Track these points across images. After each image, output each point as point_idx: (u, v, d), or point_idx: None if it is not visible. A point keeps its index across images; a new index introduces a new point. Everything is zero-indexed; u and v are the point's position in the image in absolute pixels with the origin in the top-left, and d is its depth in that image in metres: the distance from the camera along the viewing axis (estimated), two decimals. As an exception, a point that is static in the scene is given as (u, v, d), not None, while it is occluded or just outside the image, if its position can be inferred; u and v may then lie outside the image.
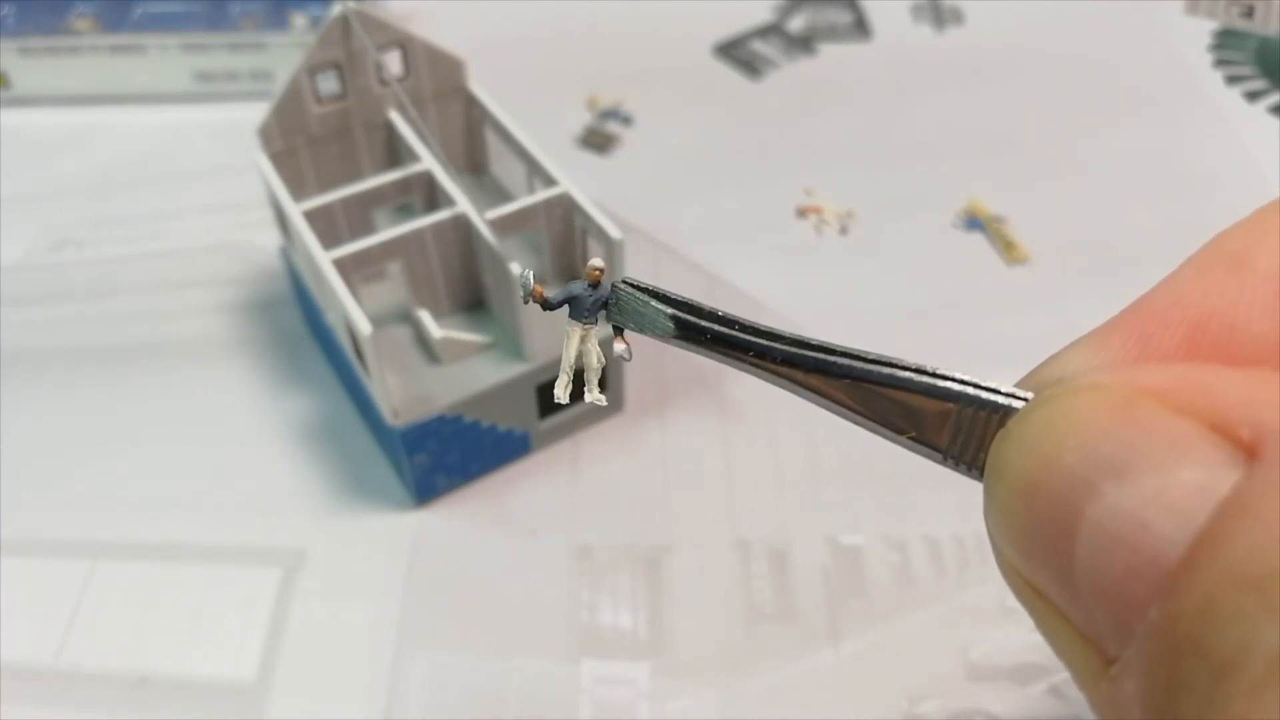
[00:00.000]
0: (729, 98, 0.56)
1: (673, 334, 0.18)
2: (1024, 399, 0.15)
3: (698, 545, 0.37)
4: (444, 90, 0.42)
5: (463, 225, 0.38)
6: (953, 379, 0.16)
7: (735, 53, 0.59)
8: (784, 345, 0.17)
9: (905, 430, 0.16)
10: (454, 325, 0.39)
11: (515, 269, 0.35)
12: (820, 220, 0.49)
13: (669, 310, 0.18)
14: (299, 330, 0.44)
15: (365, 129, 0.42)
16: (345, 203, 0.39)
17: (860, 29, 0.60)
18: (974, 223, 0.48)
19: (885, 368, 0.16)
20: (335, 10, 0.38)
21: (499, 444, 0.38)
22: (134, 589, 0.36)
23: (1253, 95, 0.54)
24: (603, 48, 0.59)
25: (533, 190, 0.40)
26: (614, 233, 0.36)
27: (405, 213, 0.41)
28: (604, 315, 0.19)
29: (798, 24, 0.60)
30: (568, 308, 0.19)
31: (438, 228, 0.37)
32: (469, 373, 0.37)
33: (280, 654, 0.34)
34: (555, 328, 0.37)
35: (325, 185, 0.41)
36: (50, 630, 0.35)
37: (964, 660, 0.33)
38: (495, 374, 0.37)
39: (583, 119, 0.54)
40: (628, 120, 0.54)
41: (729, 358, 0.17)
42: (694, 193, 0.50)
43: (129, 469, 0.40)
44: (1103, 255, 0.46)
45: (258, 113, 0.40)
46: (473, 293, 0.40)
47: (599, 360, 0.20)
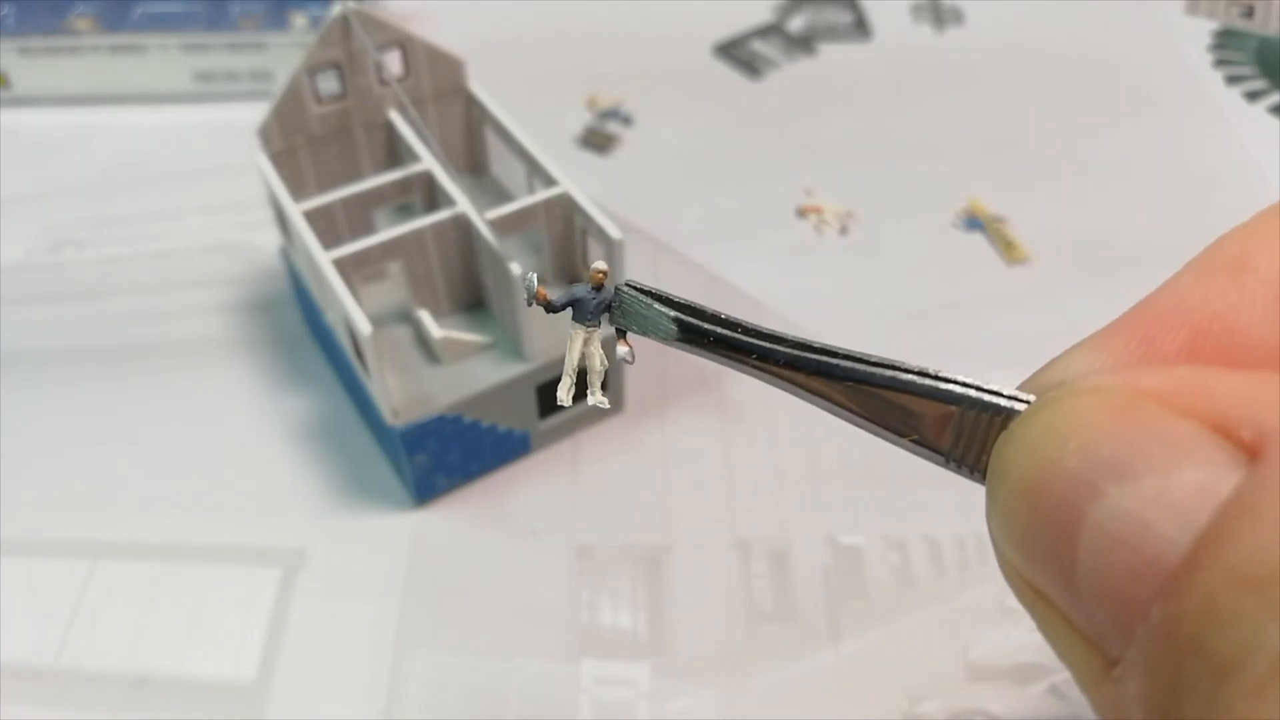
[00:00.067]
0: (729, 98, 0.56)
1: (676, 337, 0.18)
2: (1026, 401, 0.16)
3: (698, 545, 0.37)
4: (444, 90, 0.42)
5: (463, 225, 0.38)
6: (955, 381, 0.16)
7: (735, 53, 0.59)
8: (787, 348, 0.17)
9: (908, 433, 0.16)
10: (454, 325, 0.39)
11: (515, 268, 0.35)
12: (820, 220, 0.49)
13: (672, 313, 0.18)
14: (299, 330, 0.44)
15: (365, 129, 0.42)
16: (345, 203, 0.39)
17: (860, 29, 0.60)
18: (974, 223, 0.48)
19: (888, 370, 0.16)
20: (335, 10, 0.38)
21: (499, 444, 0.38)
22: (134, 589, 0.36)
23: (1253, 95, 0.54)
24: (603, 48, 0.59)
25: (533, 190, 0.40)
26: (614, 233, 0.36)
27: (405, 213, 0.41)
28: (607, 318, 0.19)
29: (798, 24, 0.60)
30: (571, 310, 0.19)
31: (438, 228, 0.37)
32: (469, 373, 0.37)
33: (280, 654, 0.34)
34: (555, 328, 0.37)
35: (325, 185, 0.41)
36: (50, 630, 0.35)
37: (964, 660, 0.33)
38: (495, 374, 0.37)
39: (583, 119, 0.54)
40: (628, 120, 0.54)
41: (732, 360, 0.17)
42: (694, 193, 0.50)
43: (129, 469, 0.40)
44: (1103, 255, 0.46)
45: (258, 113, 0.40)
46: (473, 293, 0.40)
47: (602, 363, 0.20)
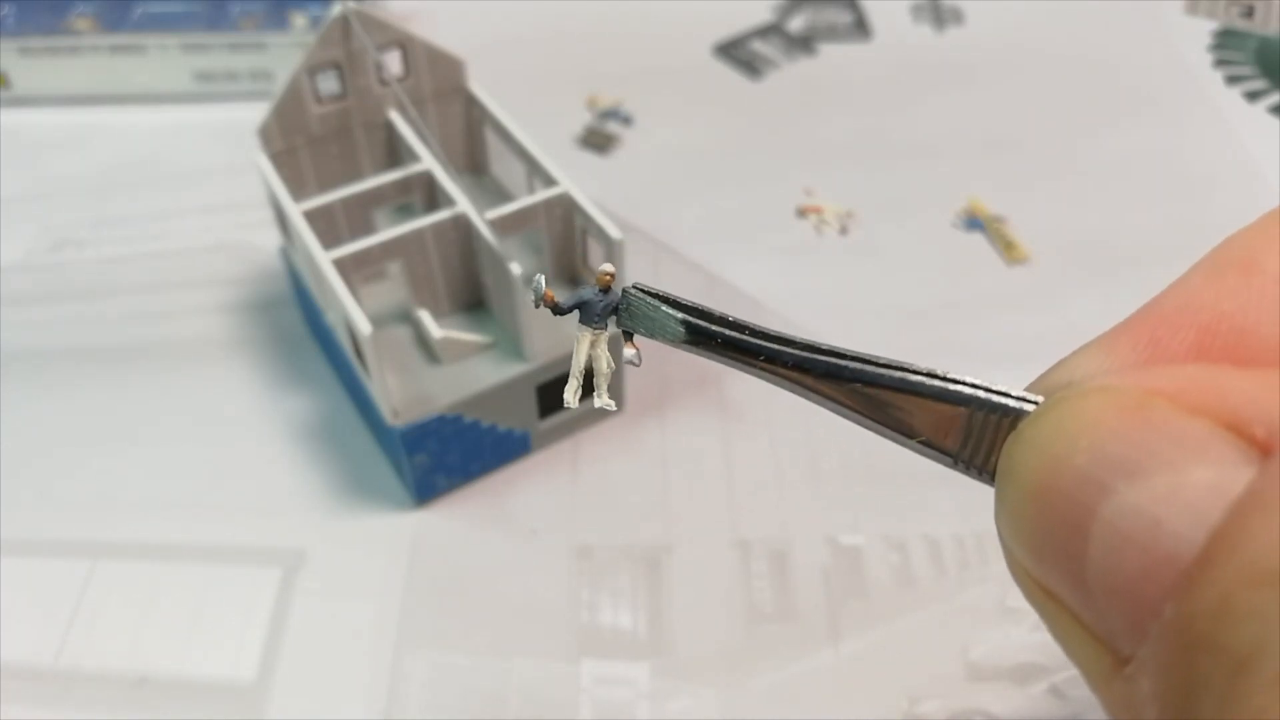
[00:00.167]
0: (729, 98, 0.56)
1: (684, 339, 0.18)
2: (1035, 402, 0.15)
3: (698, 545, 0.37)
4: (444, 90, 0.42)
5: (463, 225, 0.38)
6: (964, 383, 0.16)
7: (735, 53, 0.59)
8: (795, 350, 0.17)
9: (916, 434, 0.16)
10: (454, 325, 0.39)
11: (515, 268, 0.35)
12: (820, 220, 0.48)
13: (680, 315, 0.18)
14: (299, 330, 0.44)
15: (365, 129, 0.42)
16: (345, 203, 0.39)
17: (860, 29, 0.60)
18: (974, 223, 0.48)
19: (896, 372, 0.16)
20: (335, 10, 0.38)
21: (499, 444, 0.38)
22: (134, 589, 0.36)
23: (1253, 95, 0.54)
24: (603, 48, 0.59)
25: (533, 190, 0.40)
26: (614, 233, 0.36)
27: (405, 213, 0.41)
28: (614, 320, 0.19)
29: (798, 24, 0.60)
30: (578, 313, 0.19)
31: (438, 228, 0.37)
32: (469, 373, 0.37)
33: (280, 654, 0.34)
34: (555, 328, 0.37)
35: (325, 185, 0.41)
36: (50, 630, 0.35)
37: (964, 660, 0.33)
38: (495, 374, 0.37)
39: (583, 119, 0.54)
40: (628, 120, 0.54)
41: (739, 362, 0.17)
42: (694, 193, 0.50)
43: (129, 469, 0.40)
44: (1103, 255, 0.46)
45: (258, 113, 0.40)
46: (473, 293, 0.40)
47: (609, 365, 0.20)
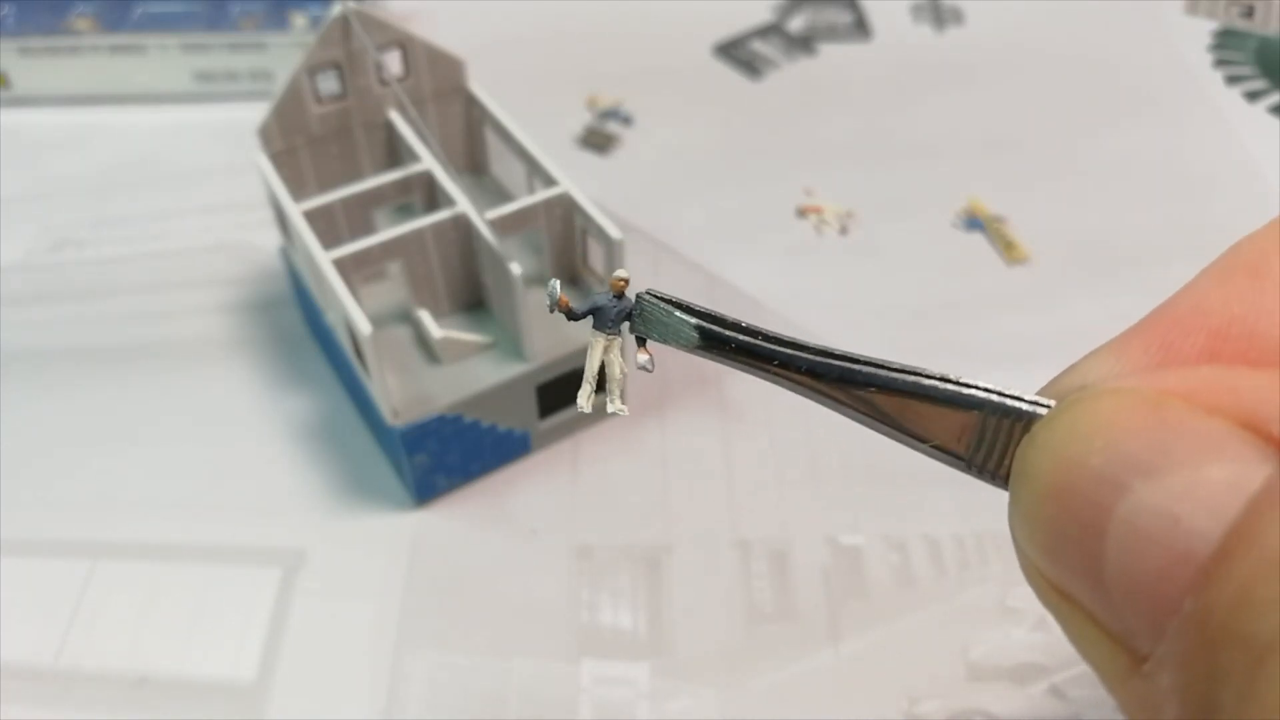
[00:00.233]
0: (729, 98, 0.56)
1: (697, 344, 0.18)
2: (1048, 405, 0.16)
3: (698, 545, 0.37)
4: (444, 90, 0.42)
5: (463, 225, 0.38)
6: (977, 387, 0.16)
7: (735, 53, 0.59)
8: (809, 355, 0.17)
9: (929, 439, 0.16)
10: (454, 325, 0.39)
11: (515, 268, 0.35)
12: (820, 220, 0.49)
13: (693, 321, 0.18)
14: (299, 330, 0.44)
15: (365, 129, 0.42)
16: (345, 203, 0.39)
17: (860, 29, 0.60)
18: (974, 223, 0.48)
19: (910, 377, 0.16)
20: (335, 10, 0.38)
21: (499, 444, 0.38)
22: (134, 589, 0.36)
23: (1253, 95, 0.54)
24: (603, 48, 0.59)
25: (533, 190, 0.40)
26: (614, 233, 0.36)
27: (405, 213, 0.41)
28: (627, 326, 0.19)
29: (798, 24, 0.60)
30: (591, 318, 0.19)
31: (438, 228, 0.37)
32: (469, 373, 0.37)
33: (280, 654, 0.34)
34: (555, 328, 0.37)
35: (325, 185, 0.41)
36: (50, 630, 0.35)
37: (964, 660, 0.33)
38: (495, 374, 0.37)
39: (583, 119, 0.54)
40: (628, 120, 0.54)
41: (753, 368, 0.17)
42: (694, 193, 0.50)
43: (129, 469, 0.40)
44: (1103, 255, 0.46)
45: (258, 113, 0.40)
46: (473, 293, 0.40)
47: (622, 371, 0.20)
